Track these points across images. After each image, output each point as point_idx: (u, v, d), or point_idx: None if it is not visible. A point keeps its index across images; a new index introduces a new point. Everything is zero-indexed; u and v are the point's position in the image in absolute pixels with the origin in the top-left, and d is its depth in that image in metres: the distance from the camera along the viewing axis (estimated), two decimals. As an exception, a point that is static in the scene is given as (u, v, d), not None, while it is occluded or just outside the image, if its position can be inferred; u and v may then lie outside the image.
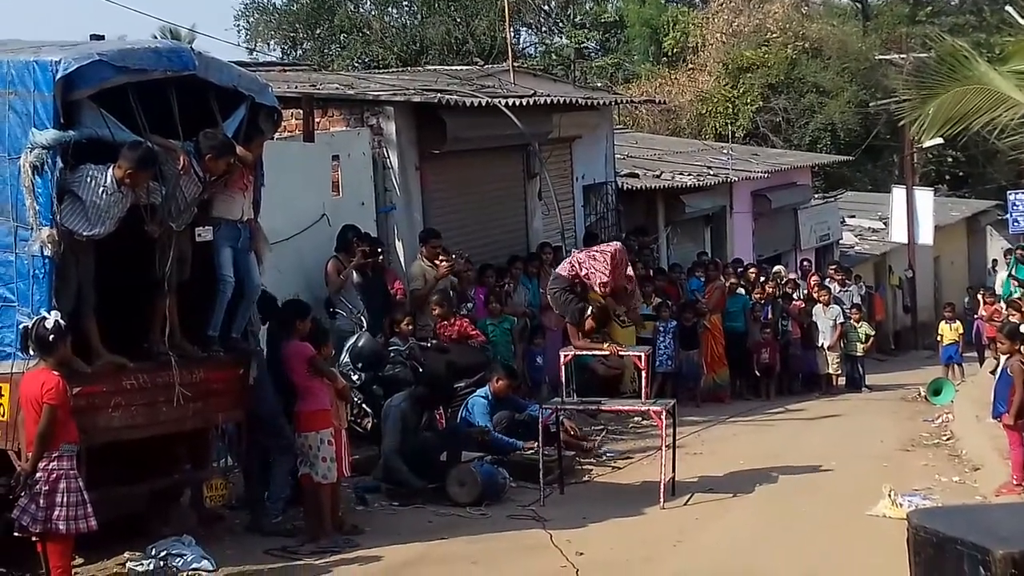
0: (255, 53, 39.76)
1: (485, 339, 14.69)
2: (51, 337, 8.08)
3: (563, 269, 12.00)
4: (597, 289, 11.75)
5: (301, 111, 14.32)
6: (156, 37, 28.13)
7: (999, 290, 21.56)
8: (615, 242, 12.55)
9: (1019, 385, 11.44)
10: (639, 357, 12.16)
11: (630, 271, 12.10)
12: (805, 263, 25.27)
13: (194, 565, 8.84)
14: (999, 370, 13.24)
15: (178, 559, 8.86)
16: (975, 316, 23.78)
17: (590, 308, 11.72)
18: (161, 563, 8.84)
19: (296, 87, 15.87)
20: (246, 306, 9.79)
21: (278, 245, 11.57)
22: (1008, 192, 35.10)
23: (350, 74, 22.42)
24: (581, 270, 11.75)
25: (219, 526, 10.08)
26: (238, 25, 42.79)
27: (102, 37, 10.53)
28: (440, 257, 14.70)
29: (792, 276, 23.22)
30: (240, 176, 9.67)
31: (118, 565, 8.90)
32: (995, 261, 37.92)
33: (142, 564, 8.83)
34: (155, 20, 47.01)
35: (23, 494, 8.02)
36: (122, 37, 15.17)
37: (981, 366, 21.31)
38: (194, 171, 9.16)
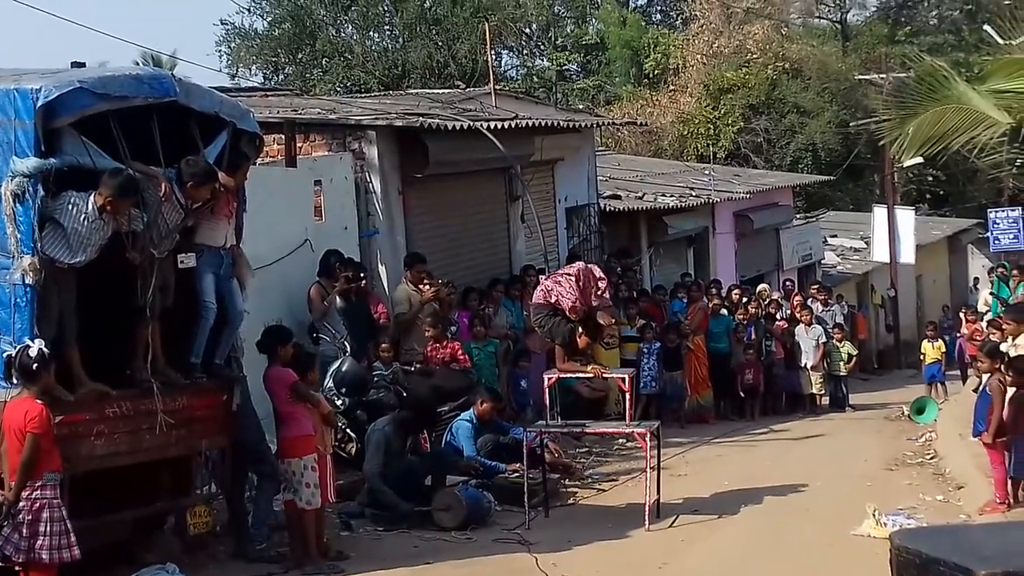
0: (237, 78, 39.78)
1: (469, 363, 14.69)
2: (34, 366, 8.06)
3: (538, 298, 12.01)
4: (568, 315, 11.75)
5: (283, 136, 14.33)
6: (137, 64, 28.14)
7: (981, 308, 21.62)
8: (579, 262, 12.54)
9: (998, 403, 11.46)
10: (623, 379, 12.17)
11: (601, 287, 12.05)
12: (788, 283, 25.31)
13: (178, 593, 8.81)
14: (979, 388, 13.30)
15: (162, 587, 8.83)
16: (956, 334, 23.85)
17: (579, 325, 11.76)
18: (145, 591, 8.80)
19: (278, 112, 15.87)
20: (229, 332, 9.79)
21: (261, 270, 11.55)
22: (988, 210, 35.32)
23: (332, 99, 22.43)
24: (551, 297, 11.77)
25: (203, 553, 10.03)
26: (220, 51, 42.82)
27: (83, 64, 10.56)
28: (425, 282, 14.71)
29: (776, 295, 23.24)
30: (225, 203, 9.68)
31: (102, 594, 8.86)
32: (976, 279, 38.12)
33: (126, 592, 8.79)
34: (136, 47, 47.07)
35: (6, 523, 7.98)
36: (103, 64, 15.22)
37: (964, 384, 21.38)
38: (176, 198, 9.17)
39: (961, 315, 23.90)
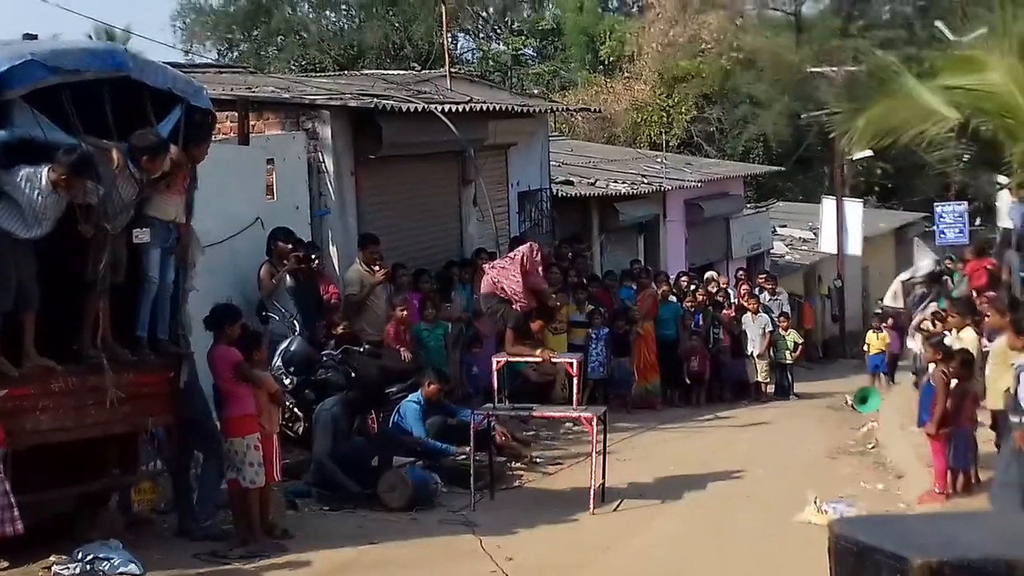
0: (190, 55, 39.55)
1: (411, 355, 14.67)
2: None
3: (487, 287, 12.03)
4: (514, 303, 11.77)
5: (236, 114, 14.24)
6: (90, 37, 27.89)
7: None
8: (521, 246, 12.53)
9: (940, 395, 11.59)
10: (571, 364, 12.21)
11: (541, 270, 12.06)
12: (740, 272, 25.45)
13: (121, 569, 8.75)
14: (923, 380, 13.44)
15: (105, 563, 8.77)
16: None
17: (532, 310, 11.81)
18: (87, 567, 8.74)
19: (231, 89, 15.77)
20: (162, 305, 9.71)
21: (211, 248, 11.49)
22: (935, 204, 35.65)
23: (286, 77, 22.31)
24: (497, 288, 11.80)
25: (147, 530, 10.00)
26: (174, 26, 42.58)
27: (35, 37, 10.45)
28: (377, 264, 14.68)
29: (725, 282, 23.34)
30: (180, 178, 9.63)
31: (43, 569, 8.78)
32: (941, 267, 38.41)
33: (68, 568, 8.73)
34: (89, 20, 46.55)
35: (-52, 497, 7.91)
36: (55, 37, 15.04)
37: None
38: (130, 171, 9.10)
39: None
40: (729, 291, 22.86)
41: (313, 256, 14.01)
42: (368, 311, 14.61)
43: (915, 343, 18.05)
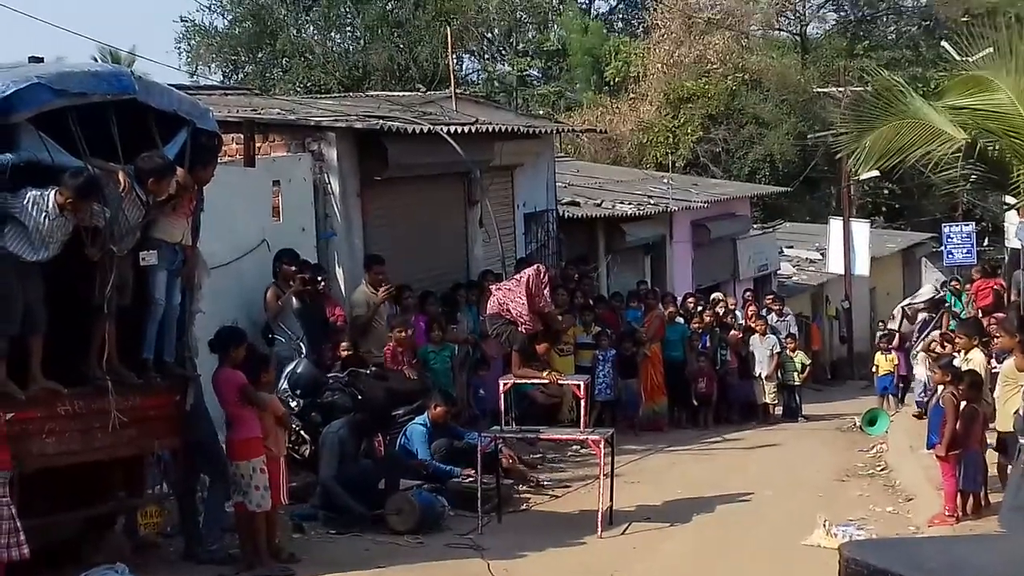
0: (196, 77, 39.60)
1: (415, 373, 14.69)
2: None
3: (492, 308, 12.02)
4: (519, 325, 11.75)
5: (242, 136, 14.26)
6: (95, 60, 27.99)
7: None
8: (528, 269, 12.51)
9: (950, 417, 11.58)
10: (578, 386, 12.22)
11: (547, 292, 12.04)
12: (747, 293, 25.43)
13: (127, 593, 8.75)
14: (933, 402, 13.43)
15: (111, 587, 8.77)
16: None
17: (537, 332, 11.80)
18: (94, 592, 8.74)
19: (237, 111, 15.80)
20: (168, 328, 9.72)
21: (217, 270, 11.51)
22: (943, 225, 35.61)
23: (292, 99, 22.39)
24: (502, 309, 11.80)
25: (153, 554, 9.99)
26: (179, 48, 42.65)
27: (41, 60, 10.49)
28: (382, 285, 14.70)
29: (732, 303, 23.32)
30: (187, 200, 9.66)
31: (50, 594, 8.79)
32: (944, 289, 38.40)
33: (74, 592, 8.72)
34: (94, 43, 46.77)
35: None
36: (60, 59, 15.10)
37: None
38: (136, 194, 9.12)
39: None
40: (736, 312, 22.84)
41: (319, 278, 14.03)
42: (374, 332, 14.61)
43: (921, 369, 18.02)
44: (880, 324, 30.39)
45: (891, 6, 51.50)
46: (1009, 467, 11.48)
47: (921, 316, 19.08)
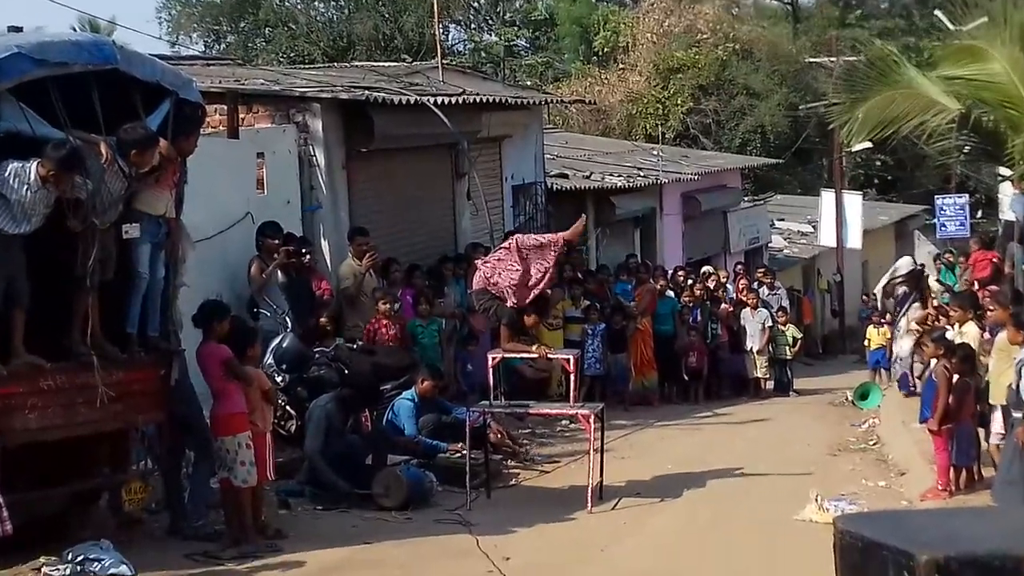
0: (177, 47, 39.48)
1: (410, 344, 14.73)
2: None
3: (478, 283, 11.99)
4: (513, 300, 11.73)
5: (225, 107, 14.24)
6: (75, 29, 27.85)
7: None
8: (510, 239, 12.43)
9: (943, 390, 11.63)
10: (567, 360, 12.24)
11: (544, 255, 11.92)
12: (738, 266, 25.47)
13: (112, 570, 8.74)
14: (925, 375, 13.48)
15: (95, 564, 8.77)
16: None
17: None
18: (78, 568, 8.74)
19: (220, 82, 15.75)
20: (152, 301, 9.71)
21: (201, 243, 11.50)
22: (936, 197, 35.70)
23: (275, 69, 22.29)
24: (488, 284, 11.77)
25: (138, 530, 10.00)
26: (160, 18, 42.48)
27: (20, 29, 10.46)
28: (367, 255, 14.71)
29: (723, 276, 23.34)
30: (170, 172, 9.64)
31: (32, 570, 8.77)
32: (923, 265, 38.53)
33: (58, 569, 8.72)
34: (74, 11, 46.52)
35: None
36: (40, 29, 15.04)
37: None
38: (119, 166, 9.10)
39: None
40: (727, 285, 22.89)
41: (304, 251, 14.03)
42: (362, 306, 14.64)
43: (903, 346, 18.01)
44: (864, 298, 30.54)
45: (884, -25, 51.51)
46: (993, 442, 11.56)
47: (900, 290, 19.00)
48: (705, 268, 24.09)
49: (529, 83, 39.04)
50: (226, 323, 10.11)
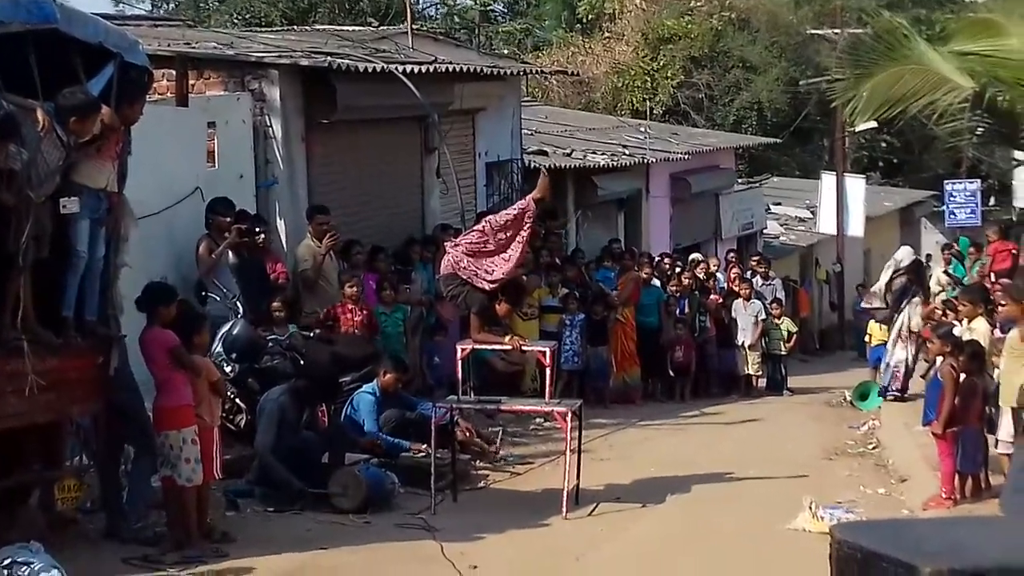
0: (122, 5, 39.26)
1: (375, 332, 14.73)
2: None
3: (447, 267, 11.94)
4: (486, 284, 11.71)
5: (174, 72, 14.18)
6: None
7: (934, 288, 21.92)
8: (482, 221, 12.39)
9: (949, 391, 11.66)
10: (543, 353, 12.23)
11: (519, 225, 11.89)
12: (730, 254, 25.49)
13: (42, 574, 8.72)
14: (930, 374, 13.52)
15: (24, 568, 8.71)
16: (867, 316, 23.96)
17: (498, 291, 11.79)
18: (5, 572, 8.70)
19: (169, 45, 15.70)
20: (90, 283, 9.66)
21: (146, 220, 11.45)
22: (945, 182, 35.82)
23: (229, 32, 22.22)
24: (458, 268, 11.72)
25: (72, 532, 9.96)
26: (103, -27, 42.21)
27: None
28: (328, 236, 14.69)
29: (714, 264, 23.38)
30: (113, 143, 9.59)
31: (-45, 574, 8.77)
32: (929, 256, 38.74)
33: (-16, 573, 8.70)
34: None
35: None
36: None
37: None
38: (56, 134, 9.05)
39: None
40: (718, 275, 22.95)
41: (258, 230, 13.99)
42: (318, 291, 14.61)
43: (896, 355, 17.91)
44: (858, 289, 30.64)
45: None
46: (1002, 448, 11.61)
47: (898, 281, 18.62)
48: (694, 255, 24.13)
49: (506, 52, 39.02)
50: (173, 307, 10.08)
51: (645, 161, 26.48)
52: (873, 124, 26.46)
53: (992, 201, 40.64)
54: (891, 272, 18.82)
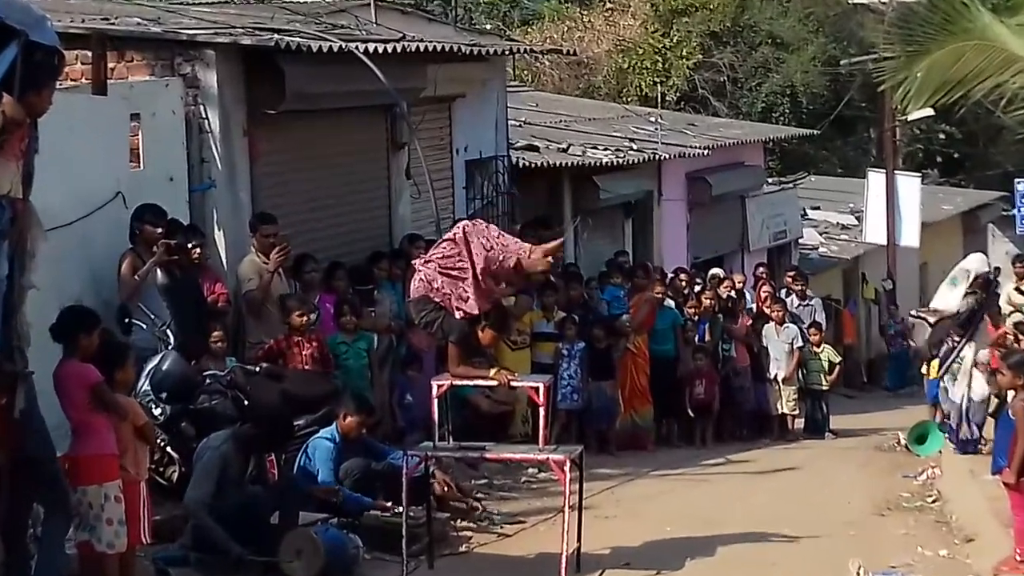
0: (28, -27, 39.27)
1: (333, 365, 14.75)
2: None
3: (418, 289, 11.87)
4: (461, 309, 11.71)
5: (89, 53, 14.20)
6: None
7: (1005, 308, 21.93)
8: (455, 227, 12.31)
9: (1022, 431, 11.65)
10: (536, 389, 12.23)
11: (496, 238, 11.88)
12: (760, 269, 25.49)
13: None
14: (1001, 412, 13.53)
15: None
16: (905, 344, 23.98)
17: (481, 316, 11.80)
18: None
19: (83, 20, 15.73)
20: None
21: (56, 232, 11.43)
22: (1016, 181, 35.91)
23: (156, 5, 22.25)
24: (431, 289, 11.69)
25: (-30, 608, 9.96)
26: (5, -65, 42.29)
27: None
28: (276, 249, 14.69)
29: (740, 280, 23.40)
30: (17, 138, 9.59)
31: None
32: (998, 270, 38.76)
33: None
34: None
35: None
36: None
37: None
38: (-53, 130, 9.07)
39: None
40: (745, 294, 22.96)
41: (192, 244, 14.00)
42: (266, 316, 14.63)
43: (976, 388, 17.49)
44: (890, 308, 30.62)
45: None
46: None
47: (965, 301, 17.59)
48: (715, 271, 24.18)
49: (489, 27, 39.10)
50: (95, 337, 10.07)
51: (656, 158, 26.54)
52: (929, 112, 26.51)
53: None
54: (963, 286, 17.78)
